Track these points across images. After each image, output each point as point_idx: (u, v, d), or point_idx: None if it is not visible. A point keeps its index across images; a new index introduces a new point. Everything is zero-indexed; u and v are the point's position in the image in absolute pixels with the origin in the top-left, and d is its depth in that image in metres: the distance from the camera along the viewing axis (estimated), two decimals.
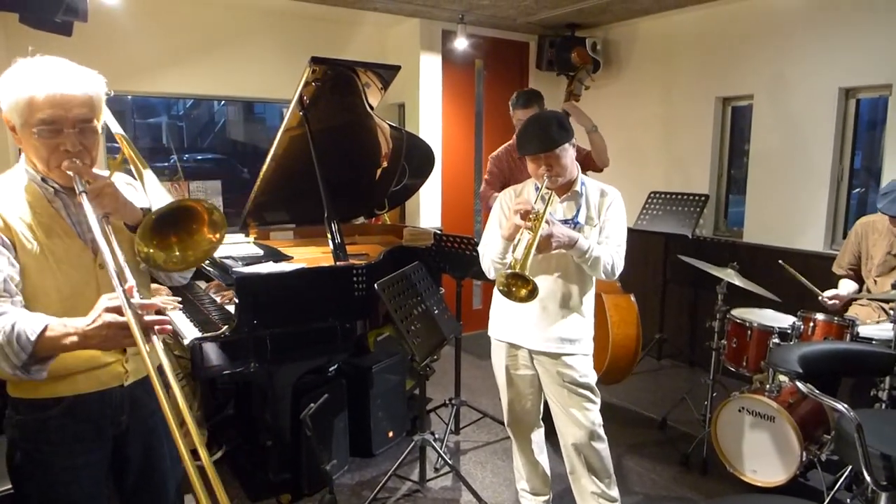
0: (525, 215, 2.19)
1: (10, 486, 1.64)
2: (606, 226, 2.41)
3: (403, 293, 2.76)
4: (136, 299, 1.32)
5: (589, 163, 3.64)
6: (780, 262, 3.31)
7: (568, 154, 2.35)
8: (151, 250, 1.37)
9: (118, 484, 1.71)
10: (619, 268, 2.39)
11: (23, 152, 1.54)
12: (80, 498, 1.58)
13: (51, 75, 1.43)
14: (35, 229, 1.48)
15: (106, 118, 1.65)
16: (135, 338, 1.27)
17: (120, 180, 1.70)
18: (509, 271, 2.12)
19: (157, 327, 1.33)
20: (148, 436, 1.70)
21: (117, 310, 1.31)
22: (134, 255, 1.51)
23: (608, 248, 2.36)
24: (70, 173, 1.43)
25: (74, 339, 1.33)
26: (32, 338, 1.32)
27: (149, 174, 1.60)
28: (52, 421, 1.53)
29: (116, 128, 1.77)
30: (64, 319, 1.36)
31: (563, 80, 5.64)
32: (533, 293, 2.11)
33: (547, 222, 2.19)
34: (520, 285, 2.13)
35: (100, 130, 1.55)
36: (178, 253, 1.44)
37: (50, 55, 1.49)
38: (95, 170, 1.53)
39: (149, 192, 1.55)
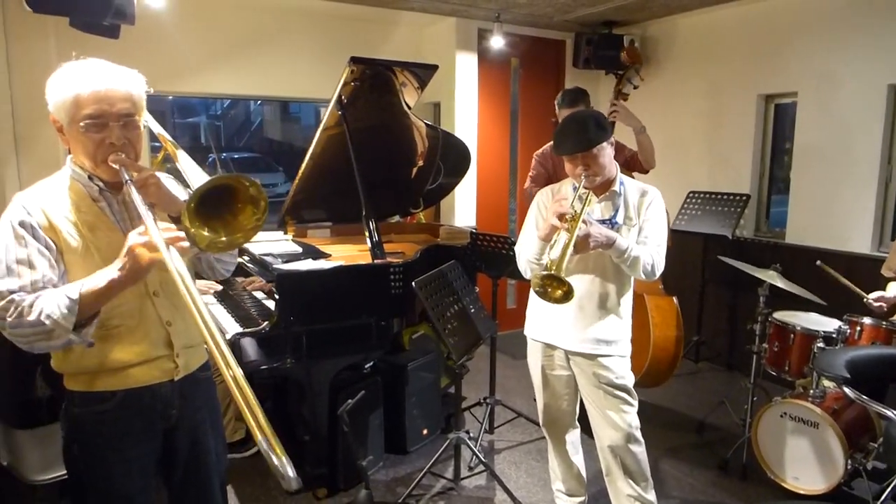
0: (562, 217, 2.18)
1: (64, 472, 1.70)
2: (646, 226, 2.37)
3: (440, 291, 2.77)
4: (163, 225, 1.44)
5: (635, 164, 3.60)
6: (818, 263, 3.22)
7: (606, 153, 2.32)
8: (195, 230, 1.38)
9: (166, 476, 1.76)
10: (660, 268, 2.35)
11: (69, 154, 1.60)
12: (132, 490, 1.63)
13: (94, 74, 1.50)
14: (80, 226, 1.53)
15: (146, 118, 1.69)
16: (155, 240, 1.38)
17: (162, 177, 1.73)
18: (545, 272, 2.10)
19: (173, 238, 1.42)
20: (195, 430, 1.74)
21: (140, 231, 1.42)
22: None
23: (648, 249, 2.33)
24: (116, 166, 1.49)
25: (108, 278, 1.42)
26: (74, 296, 1.41)
27: (182, 154, 1.62)
28: (106, 414, 1.58)
29: (157, 127, 1.81)
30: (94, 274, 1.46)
31: (601, 77, 5.61)
32: (568, 295, 2.09)
33: (584, 222, 2.17)
34: (555, 286, 2.11)
35: (141, 127, 1.60)
36: (224, 238, 1.44)
37: (95, 57, 1.56)
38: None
39: (188, 174, 1.58)
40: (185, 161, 1.55)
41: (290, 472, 1.21)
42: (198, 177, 1.64)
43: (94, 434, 1.59)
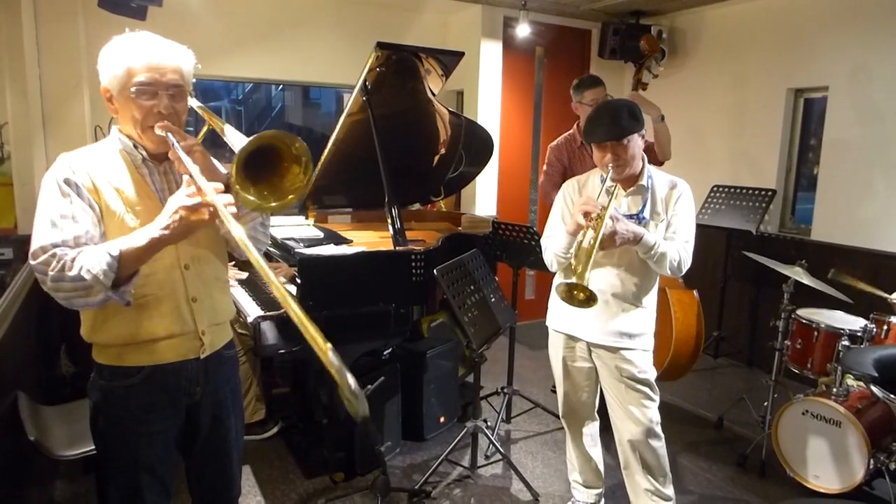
0: (587, 215, 2.16)
1: (93, 447, 1.73)
2: (674, 220, 2.34)
3: (461, 280, 2.77)
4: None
5: (650, 155, 3.55)
6: (830, 273, 3.15)
7: (636, 144, 2.29)
8: (243, 194, 1.40)
9: (186, 451, 1.78)
10: (687, 264, 2.32)
11: (114, 123, 1.64)
12: (155, 462, 1.66)
13: (147, 46, 1.55)
14: (121, 192, 1.56)
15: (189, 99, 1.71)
16: (208, 195, 1.37)
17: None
18: (569, 282, 2.10)
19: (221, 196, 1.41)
20: (218, 407, 1.76)
21: (190, 191, 1.42)
22: (216, 227, 1.56)
23: (675, 245, 2.30)
24: (162, 133, 1.53)
25: (152, 234, 1.43)
26: (115, 253, 1.42)
27: (229, 128, 1.63)
28: (132, 389, 1.61)
29: (196, 103, 1.83)
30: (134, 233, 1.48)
31: (626, 68, 5.54)
32: (591, 300, 2.08)
33: (611, 218, 2.15)
34: (579, 291, 2.10)
35: (190, 102, 1.64)
36: (272, 199, 1.46)
37: (148, 32, 1.60)
38: None
39: (235, 145, 1.60)
40: (231, 133, 1.57)
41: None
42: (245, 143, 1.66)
43: (119, 407, 1.62)
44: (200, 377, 1.69)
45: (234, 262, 3.29)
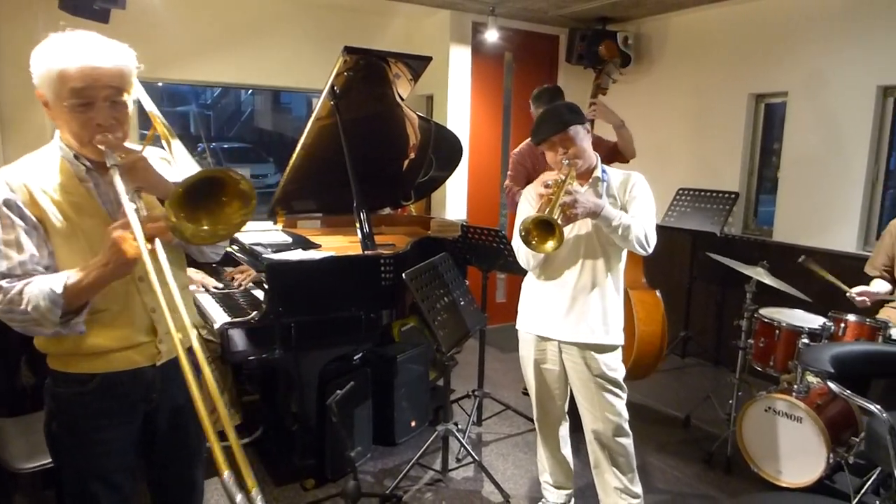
0: (547, 186, 2.23)
1: (49, 460, 1.69)
2: (632, 204, 2.39)
3: (430, 284, 2.78)
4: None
5: (616, 154, 3.63)
6: (801, 258, 3.24)
7: (582, 137, 2.35)
8: (180, 222, 1.35)
9: (146, 458, 1.75)
10: (653, 239, 2.35)
11: (56, 132, 1.55)
12: (110, 469, 1.62)
13: (82, 48, 1.43)
14: (65, 207, 1.49)
15: (139, 94, 1.63)
16: (137, 237, 1.34)
17: (153, 155, 1.70)
18: (534, 216, 2.13)
19: (156, 230, 1.41)
20: (176, 413, 1.72)
21: (123, 225, 1.38)
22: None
23: (638, 220, 2.33)
24: (102, 147, 1.43)
25: (94, 273, 1.39)
26: (59, 290, 1.38)
27: (177, 144, 1.58)
28: (87, 396, 1.57)
29: (149, 105, 1.76)
30: (83, 265, 1.43)
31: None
32: (559, 241, 2.10)
33: (569, 193, 2.20)
34: (544, 235, 2.12)
35: (131, 105, 1.54)
36: (206, 227, 1.40)
37: (82, 30, 1.48)
38: (127, 144, 1.53)
39: (178, 163, 1.55)
40: (177, 150, 1.53)
41: None
42: (188, 167, 1.62)
43: (73, 413, 1.58)
44: (157, 384, 1.66)
45: (210, 267, 3.25)
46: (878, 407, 1.85)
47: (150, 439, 1.71)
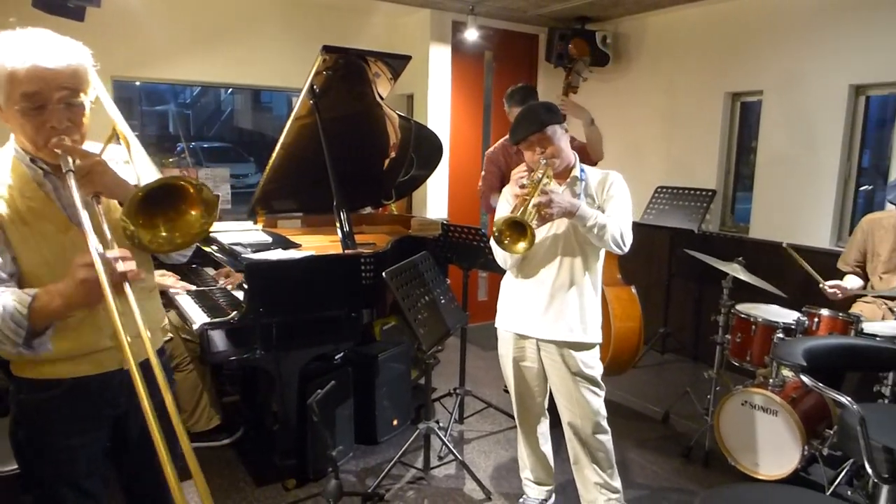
0: (522, 186, 2.24)
1: (16, 465, 1.66)
2: (608, 204, 2.41)
3: (411, 282, 2.78)
4: (113, 253, 1.32)
5: (583, 155, 3.65)
6: (784, 244, 3.29)
7: (559, 136, 2.37)
8: (136, 228, 1.31)
9: (117, 462, 1.72)
10: (629, 237, 2.37)
11: (12, 135, 1.50)
12: (79, 476, 1.59)
13: (33, 48, 1.36)
14: (24, 213, 1.44)
15: (99, 93, 1.55)
16: (103, 290, 1.27)
17: (116, 156, 1.63)
18: (507, 216, 2.15)
19: (129, 273, 1.33)
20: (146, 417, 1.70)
21: (90, 264, 1.29)
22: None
23: (614, 219, 2.35)
24: (58, 152, 1.37)
25: (59, 301, 1.34)
26: (24, 311, 1.33)
27: (137, 148, 1.53)
28: (52, 402, 1.54)
29: (110, 105, 1.69)
30: (49, 286, 1.36)
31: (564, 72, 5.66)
32: (531, 243, 2.14)
33: (545, 192, 2.22)
34: (517, 236, 2.15)
35: (88, 105, 1.47)
36: (164, 233, 1.37)
37: (35, 27, 1.42)
38: (88, 143, 1.49)
39: (137, 168, 1.51)
40: (139, 159, 1.48)
41: None
42: (148, 171, 1.56)
43: (39, 421, 1.55)
44: (125, 388, 1.60)
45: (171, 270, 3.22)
46: (849, 399, 1.89)
47: (122, 445, 1.68)
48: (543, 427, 2.77)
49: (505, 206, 2.51)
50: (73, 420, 1.56)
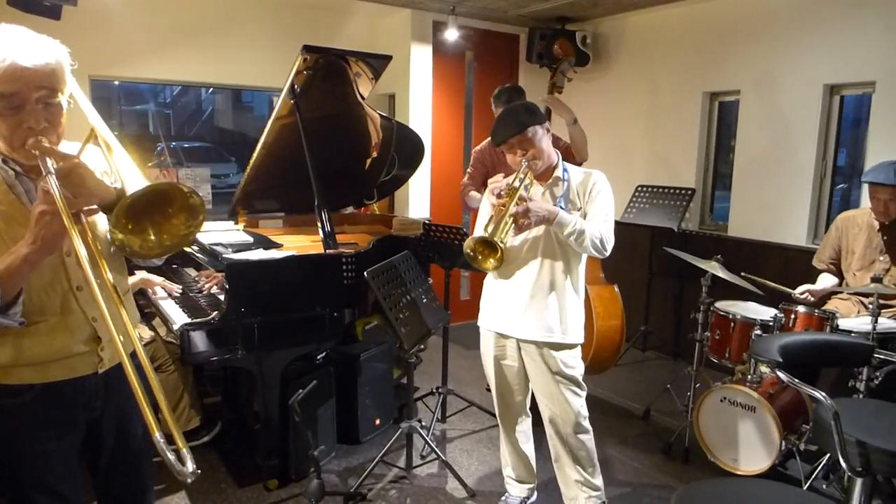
0: (499, 195, 2.24)
1: None
2: (591, 205, 2.42)
3: (392, 282, 2.78)
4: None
5: (568, 156, 3.68)
6: (741, 274, 3.34)
7: (540, 138, 2.37)
8: (126, 236, 1.31)
9: (92, 466, 1.70)
10: (610, 241, 2.39)
11: None
12: (53, 481, 1.56)
13: (11, 46, 1.32)
14: None
15: (73, 91, 1.50)
16: (64, 218, 1.27)
17: (93, 158, 1.60)
18: (478, 236, 2.16)
19: (84, 208, 1.33)
20: (121, 419, 1.67)
21: (46, 200, 1.29)
22: (106, 237, 1.48)
23: (595, 223, 2.37)
24: (35, 153, 1.34)
25: (22, 251, 1.31)
26: None
27: (119, 153, 1.50)
28: (24, 407, 1.50)
29: (89, 109, 1.66)
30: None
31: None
32: (500, 262, 2.18)
33: (522, 199, 2.23)
34: (487, 253, 2.18)
35: (65, 104, 1.45)
36: (153, 238, 1.36)
37: (8, 24, 1.38)
38: (64, 143, 1.47)
39: (122, 173, 1.48)
40: (121, 162, 1.46)
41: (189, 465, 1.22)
42: (132, 177, 1.54)
43: (10, 427, 1.51)
44: (101, 391, 1.60)
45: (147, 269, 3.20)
46: (823, 394, 1.92)
47: (97, 450, 1.66)
48: (525, 425, 2.78)
49: (485, 215, 2.52)
50: (45, 426, 1.53)
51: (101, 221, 1.53)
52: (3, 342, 1.45)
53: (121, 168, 1.43)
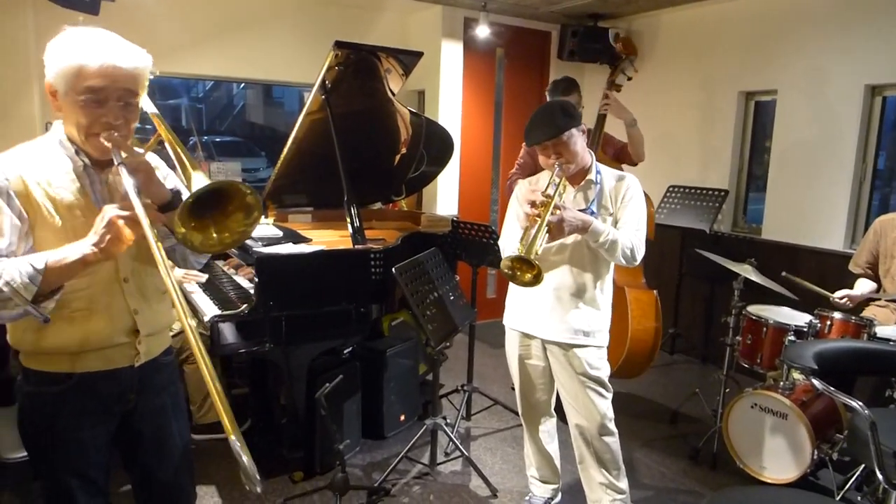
0: (533, 204, 2.20)
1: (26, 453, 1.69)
2: (623, 212, 2.39)
3: (420, 278, 2.79)
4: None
5: (625, 156, 3.64)
6: (783, 274, 3.27)
7: (576, 141, 2.32)
8: (188, 231, 1.37)
9: (129, 461, 1.73)
10: (640, 252, 2.36)
11: (57, 122, 1.55)
12: (85, 467, 1.60)
13: (103, 46, 1.44)
14: (58, 203, 1.48)
15: (146, 104, 1.62)
16: (137, 214, 1.36)
17: (151, 160, 1.66)
18: (514, 255, 2.13)
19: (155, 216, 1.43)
20: (156, 414, 1.71)
21: (122, 206, 1.39)
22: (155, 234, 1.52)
23: (626, 233, 2.34)
24: (108, 144, 1.44)
25: (83, 250, 1.38)
26: (40, 266, 1.36)
27: (198, 176, 1.57)
28: (60, 396, 1.55)
29: (151, 107, 1.75)
30: (63, 247, 1.42)
31: (585, 70, 5.62)
32: (538, 278, 2.12)
33: (557, 208, 2.20)
34: (524, 269, 2.14)
35: (139, 109, 1.55)
36: (214, 235, 1.44)
37: (97, 28, 1.49)
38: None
39: (184, 174, 1.53)
40: (197, 182, 1.51)
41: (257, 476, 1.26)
42: (195, 178, 1.60)
43: (47, 414, 1.56)
44: (135, 384, 1.64)
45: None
46: (860, 403, 1.87)
47: (133, 442, 1.70)
48: (549, 426, 2.76)
49: (513, 219, 2.50)
50: (81, 414, 1.57)
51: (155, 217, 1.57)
52: (47, 333, 1.49)
53: (183, 168, 1.49)
